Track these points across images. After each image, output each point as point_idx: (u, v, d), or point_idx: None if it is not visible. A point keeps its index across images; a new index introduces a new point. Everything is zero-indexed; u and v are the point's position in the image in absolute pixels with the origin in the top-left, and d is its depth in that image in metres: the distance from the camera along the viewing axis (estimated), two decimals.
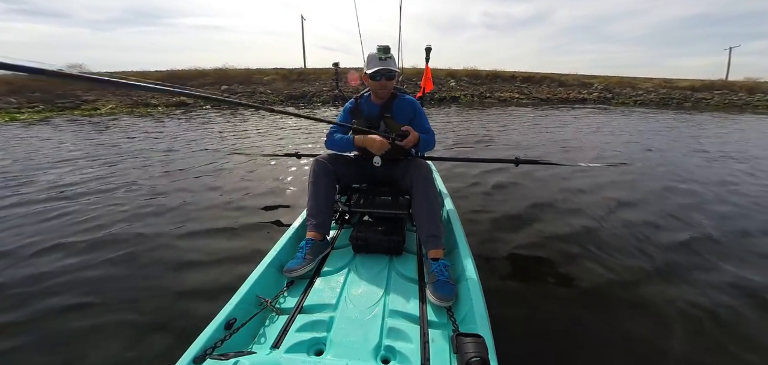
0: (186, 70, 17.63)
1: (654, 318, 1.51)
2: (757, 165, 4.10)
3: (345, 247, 1.51)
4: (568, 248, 2.09)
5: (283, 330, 1.04)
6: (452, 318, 1.07)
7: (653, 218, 2.53)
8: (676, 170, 3.84)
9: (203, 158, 4.49)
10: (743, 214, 2.62)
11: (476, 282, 1.17)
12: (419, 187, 1.46)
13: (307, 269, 1.30)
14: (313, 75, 18.07)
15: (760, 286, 1.70)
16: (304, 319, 1.07)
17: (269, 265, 1.29)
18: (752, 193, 3.11)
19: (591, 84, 18.57)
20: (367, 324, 1.05)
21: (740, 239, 2.22)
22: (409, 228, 1.65)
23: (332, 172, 1.59)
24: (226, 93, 14.45)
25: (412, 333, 1.02)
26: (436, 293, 1.12)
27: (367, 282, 1.26)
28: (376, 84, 1.65)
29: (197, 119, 9.05)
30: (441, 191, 2.04)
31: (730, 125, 8.70)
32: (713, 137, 6.52)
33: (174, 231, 2.31)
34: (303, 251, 1.33)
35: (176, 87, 0.97)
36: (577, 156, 4.15)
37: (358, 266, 1.36)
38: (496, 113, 10.57)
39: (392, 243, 1.42)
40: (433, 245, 1.32)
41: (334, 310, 1.12)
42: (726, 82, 18.82)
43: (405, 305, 1.13)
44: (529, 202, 2.82)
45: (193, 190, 3.16)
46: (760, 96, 15.68)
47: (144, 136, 6.30)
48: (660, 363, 1.30)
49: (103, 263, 1.92)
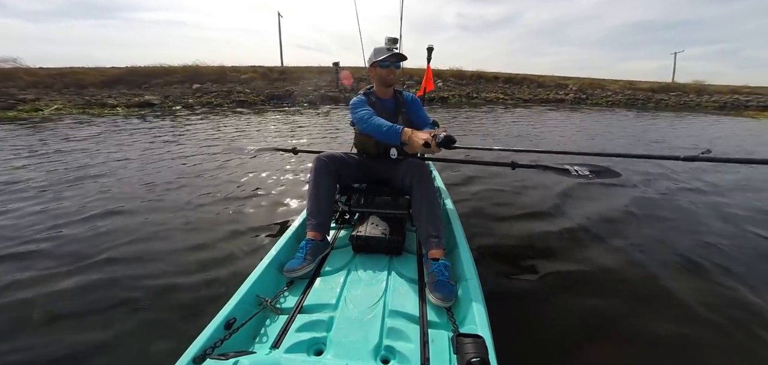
0: (149, 66, 16.13)
1: (655, 319, 1.51)
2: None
3: (345, 247, 1.51)
4: (568, 249, 2.09)
5: (283, 329, 1.04)
6: (452, 318, 1.07)
7: (652, 222, 2.53)
8: (669, 174, 3.83)
9: (197, 157, 4.49)
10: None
11: (476, 282, 1.17)
12: (419, 187, 1.46)
13: (307, 270, 1.30)
14: (296, 73, 17.23)
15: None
16: (304, 319, 1.07)
17: (269, 265, 1.29)
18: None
19: (566, 85, 19.53)
20: (366, 324, 1.05)
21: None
22: (409, 228, 1.65)
23: (334, 171, 1.59)
24: (198, 92, 13.50)
25: (412, 333, 1.02)
26: (436, 293, 1.12)
27: (367, 282, 1.26)
28: (386, 71, 1.67)
29: (170, 120, 8.29)
30: (441, 190, 2.04)
31: (699, 123, 9.07)
32: (684, 137, 6.85)
33: (169, 232, 2.31)
34: (303, 251, 1.33)
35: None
36: (572, 161, 4.24)
37: (358, 266, 1.36)
38: (485, 112, 10.64)
39: (392, 243, 1.42)
40: (432, 246, 1.32)
41: (333, 310, 1.12)
42: (679, 85, 21.42)
43: (405, 305, 1.13)
44: (529, 202, 2.82)
45: (189, 189, 3.16)
46: (706, 98, 18.36)
47: (118, 147, 5.08)
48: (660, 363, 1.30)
49: (90, 267, 1.92)
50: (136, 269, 1.87)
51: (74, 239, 2.19)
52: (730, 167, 3.96)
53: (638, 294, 1.68)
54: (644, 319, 1.51)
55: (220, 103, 12.47)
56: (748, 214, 2.67)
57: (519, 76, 20.17)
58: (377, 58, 1.66)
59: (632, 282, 1.78)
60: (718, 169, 3.90)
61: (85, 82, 13.68)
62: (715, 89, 20.40)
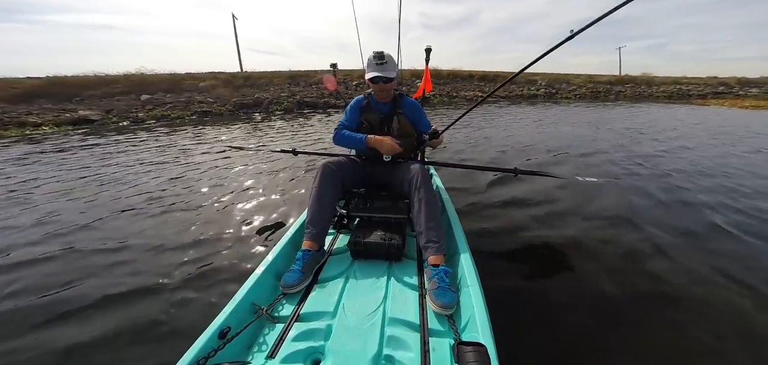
0: (79, 76, 13.76)
1: (660, 326, 1.48)
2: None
3: (343, 252, 1.48)
4: (573, 254, 2.05)
5: (279, 338, 1.01)
6: (454, 326, 1.04)
7: (654, 228, 2.50)
8: (675, 179, 3.83)
9: (191, 159, 4.46)
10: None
11: (478, 288, 1.14)
12: (418, 191, 1.44)
13: (304, 285, 1.25)
14: (264, 79, 15.81)
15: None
16: (301, 327, 1.05)
17: (265, 271, 1.26)
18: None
19: (536, 81, 20.40)
20: (365, 332, 1.02)
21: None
22: (409, 233, 1.62)
23: (340, 180, 1.56)
24: (149, 104, 11.69)
25: (413, 341, 0.99)
26: (437, 300, 1.10)
27: (366, 289, 1.23)
28: (376, 87, 1.70)
29: (117, 136, 7.05)
30: (442, 194, 2.01)
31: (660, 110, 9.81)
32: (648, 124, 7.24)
33: (164, 238, 2.28)
34: (300, 263, 1.27)
35: None
36: (572, 167, 4.23)
37: (357, 273, 1.33)
38: (477, 112, 10.49)
39: (392, 248, 1.39)
40: (433, 251, 1.29)
41: (331, 318, 1.09)
42: (631, 77, 23.59)
43: (405, 312, 1.11)
44: (532, 208, 2.79)
45: (182, 193, 3.13)
46: (655, 88, 20.85)
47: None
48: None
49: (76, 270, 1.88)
50: (122, 274, 1.84)
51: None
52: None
53: (647, 302, 1.63)
54: (653, 328, 1.47)
55: (179, 115, 10.72)
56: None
57: (491, 74, 20.87)
58: (367, 72, 1.68)
59: (640, 289, 1.73)
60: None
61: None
62: (661, 81, 22.80)
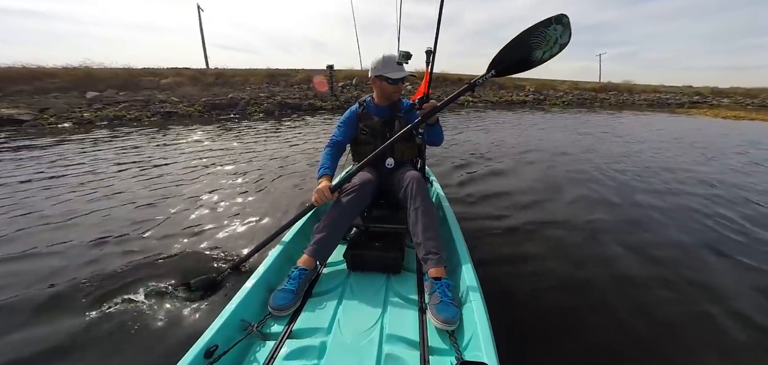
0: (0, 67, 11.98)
1: (682, 350, 1.42)
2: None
3: (339, 264, 1.42)
4: (583, 266, 1.96)
5: (270, 357, 0.95)
6: (455, 343, 0.99)
7: (659, 237, 2.46)
8: (685, 188, 3.82)
9: (162, 163, 4.37)
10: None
11: (481, 303, 1.08)
12: (414, 200, 1.38)
13: (295, 308, 1.16)
14: (239, 77, 14.34)
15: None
16: (294, 345, 0.99)
17: (256, 285, 1.20)
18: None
19: (523, 87, 20.37)
20: (362, 349, 0.98)
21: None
22: (408, 244, 1.57)
23: (365, 202, 1.48)
24: (97, 102, 9.84)
25: (412, 359, 0.95)
26: (439, 315, 1.04)
27: (363, 304, 1.18)
28: (393, 88, 1.63)
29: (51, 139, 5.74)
30: (442, 202, 1.94)
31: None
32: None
33: (157, 247, 2.19)
34: (294, 283, 1.19)
35: None
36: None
37: (353, 286, 1.28)
38: (473, 118, 10.41)
39: (390, 261, 1.35)
40: (433, 263, 1.23)
41: (326, 335, 1.05)
42: (614, 84, 24.10)
43: (404, 328, 1.06)
44: (540, 214, 2.71)
45: (175, 196, 3.05)
46: (636, 96, 20.89)
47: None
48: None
49: None
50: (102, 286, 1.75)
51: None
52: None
53: (663, 322, 1.54)
54: (670, 350, 1.38)
55: (136, 116, 9.06)
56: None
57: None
58: (386, 71, 1.59)
59: (656, 305, 1.65)
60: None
61: None
62: (641, 88, 23.09)
